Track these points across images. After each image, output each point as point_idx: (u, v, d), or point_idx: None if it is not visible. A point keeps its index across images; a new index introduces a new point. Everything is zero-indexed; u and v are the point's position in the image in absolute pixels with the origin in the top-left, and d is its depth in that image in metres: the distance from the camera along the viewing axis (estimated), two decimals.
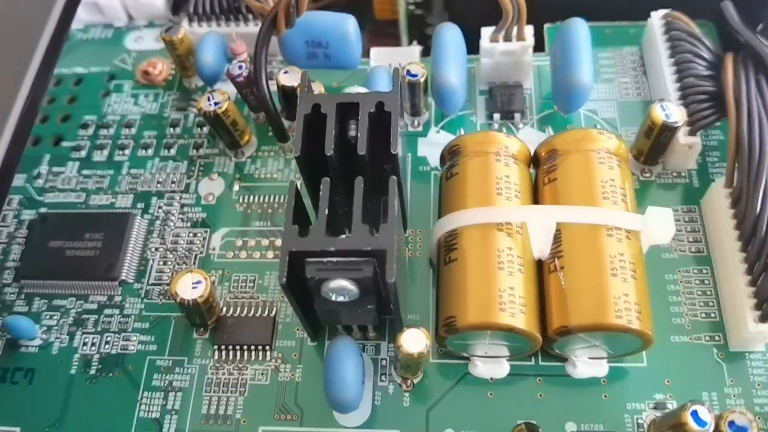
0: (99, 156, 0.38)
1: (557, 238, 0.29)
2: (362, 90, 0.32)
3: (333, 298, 0.27)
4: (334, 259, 0.26)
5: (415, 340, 0.27)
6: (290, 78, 0.35)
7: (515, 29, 0.35)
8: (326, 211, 0.27)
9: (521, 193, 0.30)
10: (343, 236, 0.28)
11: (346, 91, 0.32)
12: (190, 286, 0.29)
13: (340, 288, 0.27)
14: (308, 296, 0.29)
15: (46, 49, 0.28)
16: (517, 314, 0.27)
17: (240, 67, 0.35)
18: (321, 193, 0.27)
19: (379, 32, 0.44)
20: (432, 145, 0.37)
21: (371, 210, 0.30)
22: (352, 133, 0.30)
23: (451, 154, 0.32)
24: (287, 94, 0.35)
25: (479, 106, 0.38)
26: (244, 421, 0.30)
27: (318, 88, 0.35)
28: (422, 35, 0.47)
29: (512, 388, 0.30)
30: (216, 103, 0.34)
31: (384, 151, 0.29)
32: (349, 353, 0.28)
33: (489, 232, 0.29)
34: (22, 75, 0.27)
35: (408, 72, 0.34)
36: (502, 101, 0.37)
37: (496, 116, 0.37)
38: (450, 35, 0.35)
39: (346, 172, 0.29)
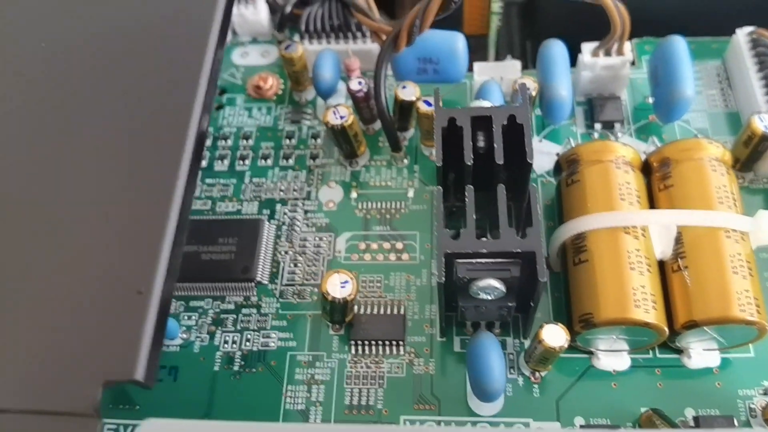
0: (220, 166, 0.40)
1: (678, 240, 0.31)
2: (486, 104, 0.35)
3: (480, 296, 0.30)
4: (483, 260, 0.29)
5: (555, 335, 0.30)
6: (408, 92, 0.37)
7: (616, 45, 0.38)
8: (474, 216, 0.30)
9: (641, 198, 0.33)
10: (484, 239, 0.30)
11: (473, 105, 0.35)
12: (338, 285, 0.32)
13: (489, 287, 0.29)
14: (449, 294, 0.31)
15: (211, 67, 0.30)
16: (650, 310, 0.30)
17: (360, 83, 0.38)
18: (467, 199, 0.30)
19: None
20: (535, 154, 0.39)
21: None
22: (480, 144, 0.32)
23: (568, 163, 0.34)
24: (404, 108, 0.38)
25: (578, 117, 0.40)
26: (385, 411, 0.32)
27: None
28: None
29: (634, 379, 0.32)
30: (342, 117, 0.36)
31: (512, 160, 0.31)
32: (493, 345, 0.30)
33: (617, 234, 0.31)
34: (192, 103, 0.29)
35: None
36: (603, 112, 0.39)
37: (597, 126, 0.39)
38: (557, 50, 0.37)
39: (476, 181, 0.32)
